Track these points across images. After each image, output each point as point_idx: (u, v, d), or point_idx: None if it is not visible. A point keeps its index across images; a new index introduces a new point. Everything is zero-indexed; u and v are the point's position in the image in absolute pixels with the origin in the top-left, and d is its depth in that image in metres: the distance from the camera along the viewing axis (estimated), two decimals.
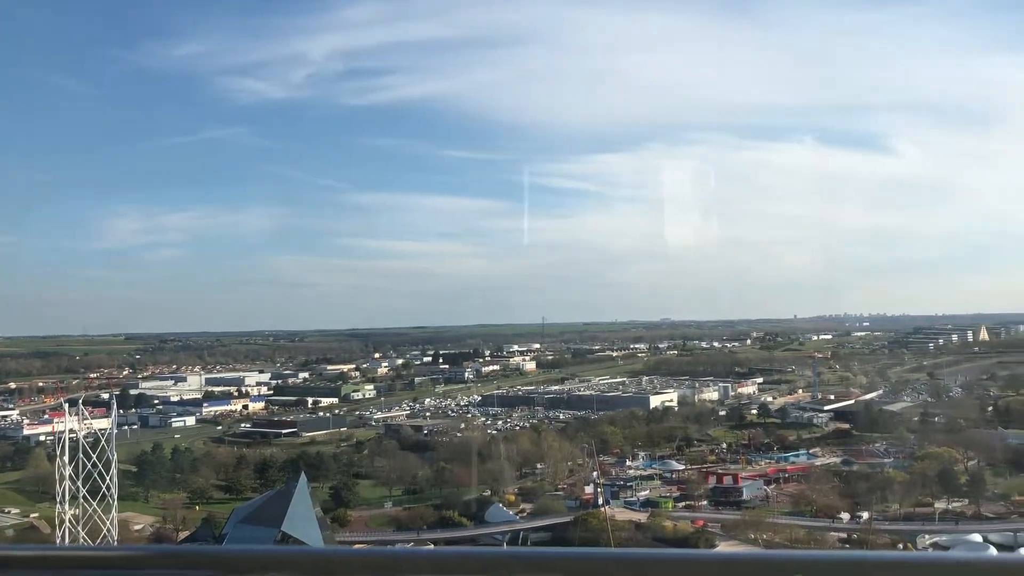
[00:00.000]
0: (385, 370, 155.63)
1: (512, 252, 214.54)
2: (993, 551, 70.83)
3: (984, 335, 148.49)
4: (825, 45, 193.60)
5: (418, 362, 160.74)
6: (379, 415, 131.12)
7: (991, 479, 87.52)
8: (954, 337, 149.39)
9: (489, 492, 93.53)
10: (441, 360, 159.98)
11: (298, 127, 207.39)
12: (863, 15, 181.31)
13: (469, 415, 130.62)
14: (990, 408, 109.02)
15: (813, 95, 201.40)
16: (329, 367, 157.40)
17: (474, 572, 2.91)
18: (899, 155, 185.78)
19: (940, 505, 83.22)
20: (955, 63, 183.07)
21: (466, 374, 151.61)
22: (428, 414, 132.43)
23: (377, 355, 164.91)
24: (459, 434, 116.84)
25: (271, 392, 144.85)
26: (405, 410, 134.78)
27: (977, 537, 75.49)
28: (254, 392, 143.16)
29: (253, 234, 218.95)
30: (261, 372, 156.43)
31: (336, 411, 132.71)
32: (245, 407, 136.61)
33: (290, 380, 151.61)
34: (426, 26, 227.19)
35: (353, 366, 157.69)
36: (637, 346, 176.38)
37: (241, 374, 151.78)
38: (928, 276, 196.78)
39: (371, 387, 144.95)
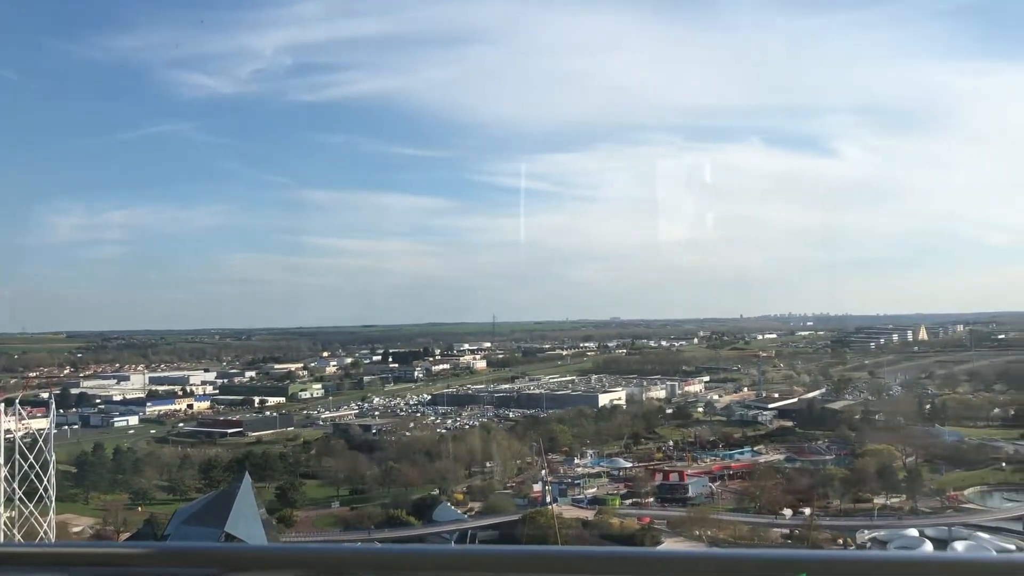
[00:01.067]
0: (333, 369, 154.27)
1: (464, 251, 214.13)
2: (928, 546, 73.03)
3: (923, 335, 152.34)
4: (773, 48, 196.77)
5: (367, 361, 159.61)
6: (327, 414, 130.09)
7: (928, 475, 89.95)
8: (895, 337, 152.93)
9: (437, 491, 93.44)
10: (390, 359, 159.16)
11: (247, 123, 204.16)
12: (810, 19, 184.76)
13: (418, 414, 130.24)
14: (928, 406, 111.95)
15: (761, 97, 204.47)
16: (277, 366, 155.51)
17: (480, 570, 2.90)
18: (843, 157, 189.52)
19: (879, 501, 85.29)
20: (899, 68, 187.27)
21: (416, 373, 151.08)
22: (377, 413, 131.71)
23: (325, 354, 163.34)
24: (408, 433, 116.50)
25: (217, 391, 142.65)
26: (353, 409, 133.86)
27: (914, 532, 77.63)
28: (199, 391, 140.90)
29: (200, 231, 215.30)
30: (207, 371, 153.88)
31: (283, 411, 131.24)
32: (190, 406, 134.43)
33: (236, 379, 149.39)
34: (377, 22, 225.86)
35: (301, 365, 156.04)
36: (587, 345, 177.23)
37: (186, 373, 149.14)
38: (871, 277, 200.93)
39: (319, 386, 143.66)
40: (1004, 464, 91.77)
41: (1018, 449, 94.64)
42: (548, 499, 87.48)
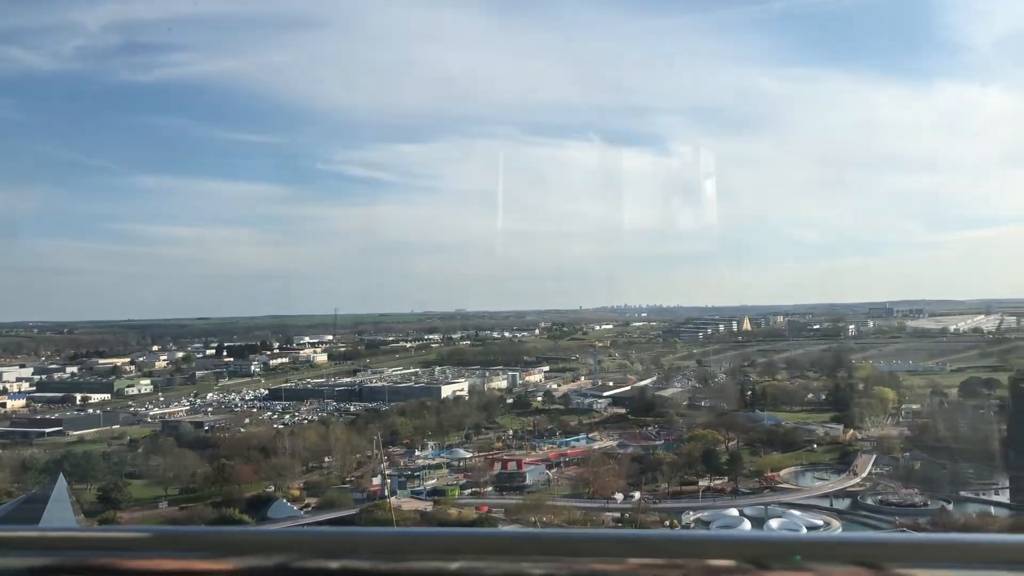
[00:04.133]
0: (164, 363, 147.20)
1: (305, 240, 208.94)
2: (747, 524, 77.65)
3: (747, 325, 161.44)
4: (610, 48, 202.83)
5: (200, 355, 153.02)
6: (156, 411, 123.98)
7: (748, 457, 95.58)
8: (720, 327, 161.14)
9: (273, 488, 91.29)
10: (226, 353, 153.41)
11: (69, 102, 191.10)
12: (645, 22, 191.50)
13: (255, 409, 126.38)
14: (749, 392, 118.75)
15: (599, 96, 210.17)
16: (101, 361, 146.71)
17: (482, 552, 2.83)
18: (675, 156, 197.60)
19: (704, 483, 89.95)
20: (725, 72, 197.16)
21: (252, 367, 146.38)
22: (210, 409, 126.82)
23: (155, 348, 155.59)
24: (243, 429, 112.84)
25: (34, 388, 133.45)
26: (185, 405, 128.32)
27: (734, 512, 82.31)
28: (14, 389, 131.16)
29: (14, 216, 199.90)
30: (23, 367, 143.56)
31: (108, 408, 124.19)
32: (3, 405, 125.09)
33: (56, 375, 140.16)
34: (214, 2, 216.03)
35: (128, 359, 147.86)
36: (431, 337, 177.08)
37: None
38: (699, 270, 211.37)
39: (148, 382, 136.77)
40: (816, 446, 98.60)
41: (828, 431, 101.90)
42: (387, 492, 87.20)
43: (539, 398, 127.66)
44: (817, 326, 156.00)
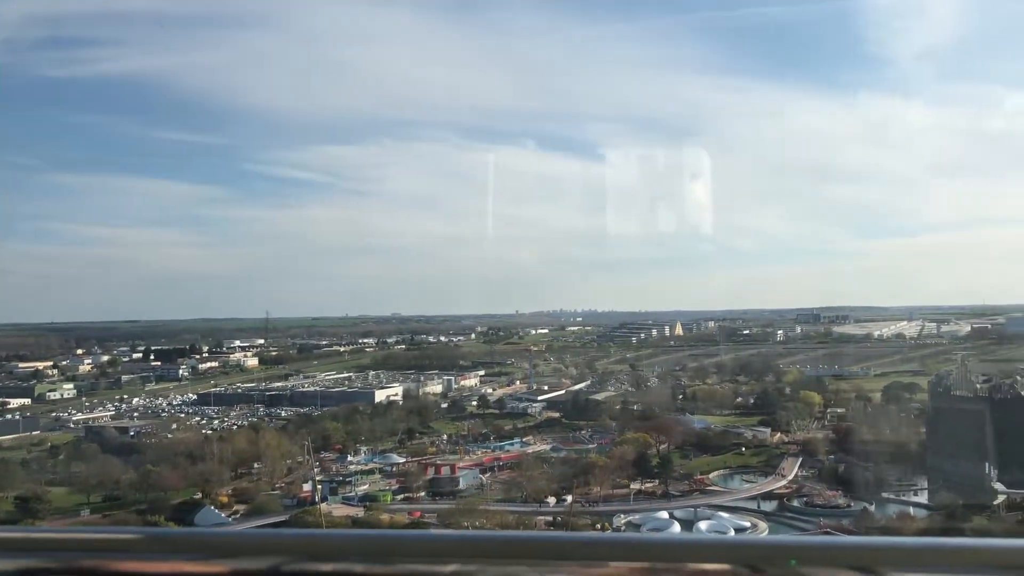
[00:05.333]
0: (88, 367, 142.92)
1: (235, 242, 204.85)
2: (676, 527, 78.76)
3: (679, 330, 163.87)
4: (549, 54, 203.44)
5: (127, 359, 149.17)
6: (79, 416, 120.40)
7: (678, 460, 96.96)
8: (654, 332, 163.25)
9: (200, 494, 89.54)
10: (153, 356, 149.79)
11: None
12: (582, 29, 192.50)
13: (183, 415, 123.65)
14: (680, 396, 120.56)
15: (534, 101, 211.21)
16: (21, 364, 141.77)
17: (479, 555, 2.81)
18: (610, 163, 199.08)
19: (635, 486, 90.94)
20: (661, 81, 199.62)
21: (181, 371, 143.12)
22: (136, 414, 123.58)
23: (80, 351, 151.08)
24: (170, 435, 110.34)
25: None
26: (110, 411, 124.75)
27: (664, 514, 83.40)
28: None
29: None
30: None
31: (28, 413, 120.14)
32: None
33: None
34: None
35: (51, 363, 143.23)
36: (365, 341, 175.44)
37: None
38: (633, 275, 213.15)
39: (71, 386, 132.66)
40: (744, 449, 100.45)
41: (756, 434, 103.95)
42: (317, 498, 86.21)
43: (474, 402, 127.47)
44: (747, 331, 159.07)
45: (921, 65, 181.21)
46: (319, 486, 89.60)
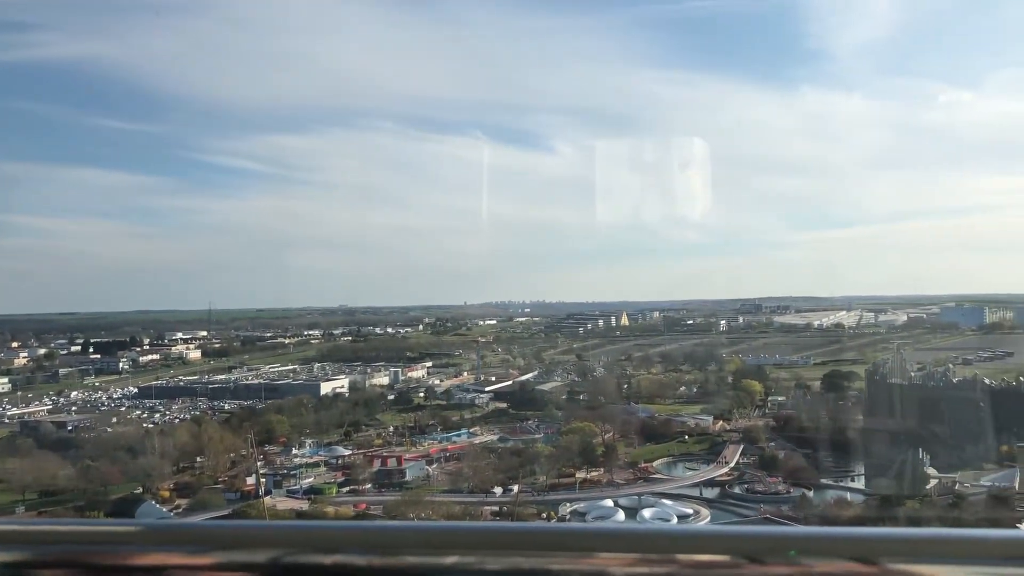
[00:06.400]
0: (24, 361, 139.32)
1: (178, 233, 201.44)
2: (621, 514, 79.70)
3: (625, 321, 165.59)
4: (495, 45, 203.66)
5: (65, 352, 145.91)
6: (14, 411, 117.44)
7: (623, 449, 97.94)
8: (600, 322, 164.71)
9: (141, 489, 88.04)
10: (92, 349, 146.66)
11: None
12: (531, 20, 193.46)
13: (123, 408, 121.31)
14: (626, 386, 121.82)
15: (482, 92, 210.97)
16: None
17: (480, 547, 2.78)
18: (557, 154, 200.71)
19: (581, 475, 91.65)
20: (608, 73, 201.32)
21: (121, 364, 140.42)
22: (74, 408, 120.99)
23: (15, 344, 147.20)
24: (109, 429, 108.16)
25: None
26: (46, 405, 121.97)
27: (609, 503, 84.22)
28: None
29: None
30: None
31: None
32: None
33: None
34: None
35: None
36: (311, 333, 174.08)
37: None
38: (581, 266, 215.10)
39: (5, 380, 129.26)
40: (687, 437, 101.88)
41: (699, 422, 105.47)
42: (261, 491, 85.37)
43: (421, 394, 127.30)
44: (691, 321, 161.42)
45: (859, 60, 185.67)
46: (263, 479, 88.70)
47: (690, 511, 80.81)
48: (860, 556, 2.64)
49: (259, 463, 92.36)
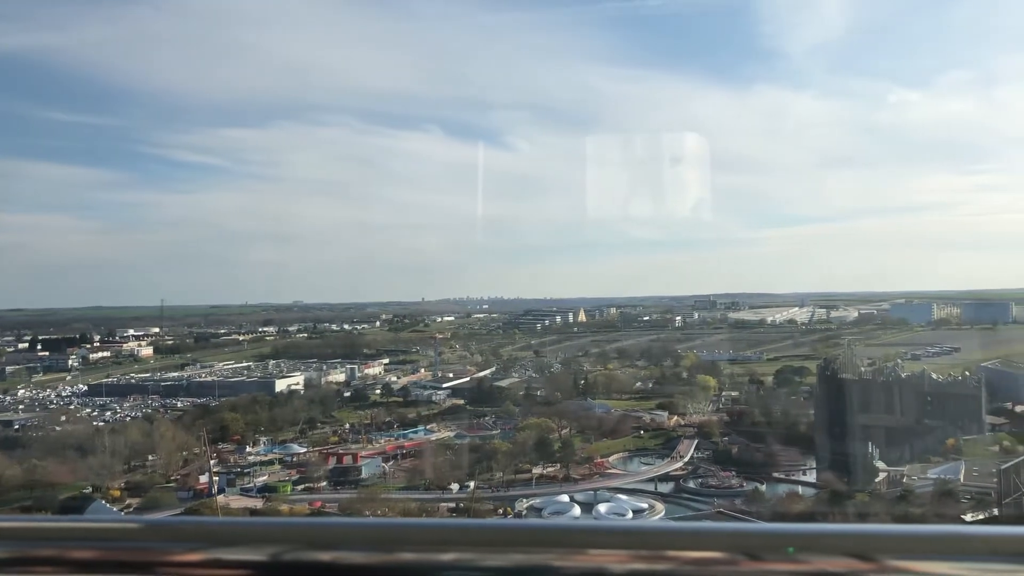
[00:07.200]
0: None
1: (129, 228, 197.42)
2: (577, 510, 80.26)
3: (582, 317, 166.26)
4: (452, 40, 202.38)
5: (11, 349, 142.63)
6: None
7: (579, 444, 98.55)
8: (558, 319, 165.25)
9: (91, 489, 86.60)
10: (40, 346, 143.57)
11: None
12: (486, 16, 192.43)
13: (71, 407, 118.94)
14: (582, 381, 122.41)
15: (439, 88, 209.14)
16: None
17: (478, 544, 2.76)
18: (514, 150, 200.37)
19: (537, 471, 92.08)
20: (561, 70, 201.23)
21: (70, 361, 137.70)
22: (21, 407, 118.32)
23: None
24: (58, 428, 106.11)
25: None
26: None
27: (565, 498, 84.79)
28: None
29: None
30: None
31: None
32: None
33: None
34: None
35: None
36: (266, 329, 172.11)
37: None
38: (538, 262, 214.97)
39: None
40: (642, 432, 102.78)
41: (654, 418, 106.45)
42: (214, 490, 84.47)
43: (378, 391, 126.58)
44: (647, 317, 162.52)
45: (811, 60, 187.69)
46: (216, 478, 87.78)
47: (645, 506, 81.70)
48: (859, 553, 2.65)
49: (212, 461, 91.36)
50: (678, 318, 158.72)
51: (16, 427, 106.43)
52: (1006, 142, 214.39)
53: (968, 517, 66.07)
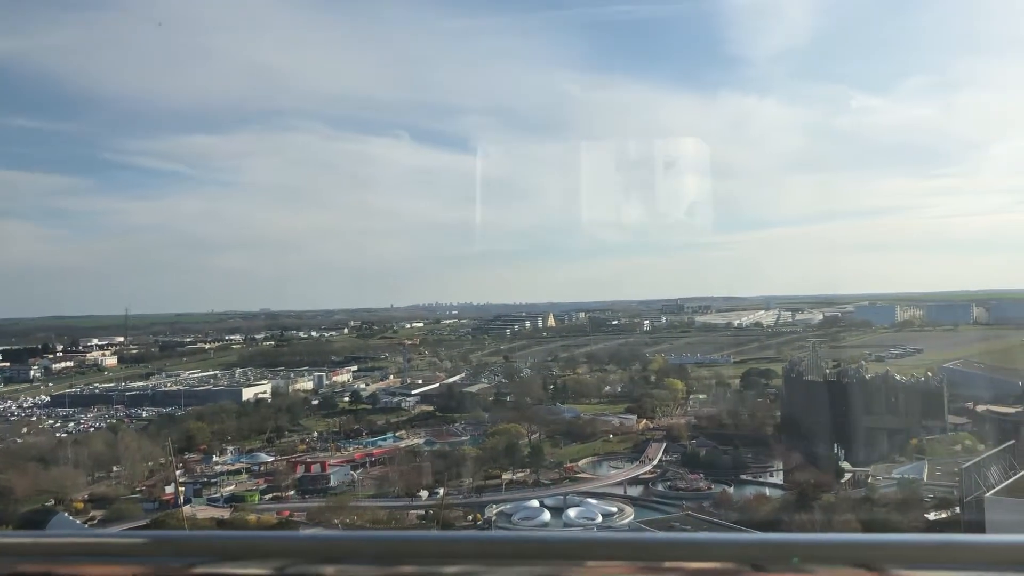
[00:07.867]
0: None
1: (93, 235, 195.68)
2: (546, 515, 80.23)
3: (552, 322, 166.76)
4: (420, 46, 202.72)
5: None
6: None
7: (549, 449, 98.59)
8: (527, 324, 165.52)
9: (53, 501, 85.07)
10: (1, 357, 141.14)
11: None
12: (455, 21, 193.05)
13: (34, 418, 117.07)
14: (551, 386, 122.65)
15: (407, 93, 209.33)
16: None
17: (483, 557, 2.75)
18: (484, 156, 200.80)
19: (507, 476, 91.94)
20: (536, 75, 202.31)
21: (32, 372, 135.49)
22: None
23: None
24: (19, 440, 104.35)
25: None
26: None
27: (535, 503, 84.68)
28: None
29: None
30: None
31: None
32: None
33: None
34: None
35: None
36: (233, 337, 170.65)
37: None
38: (508, 267, 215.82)
39: None
40: (612, 436, 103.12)
41: (623, 421, 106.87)
42: (180, 500, 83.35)
43: (346, 398, 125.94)
44: (615, 322, 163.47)
45: (775, 66, 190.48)
46: (183, 488, 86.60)
47: (614, 509, 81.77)
48: (862, 562, 2.65)
49: (178, 471, 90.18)
50: (646, 322, 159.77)
51: None
52: (965, 146, 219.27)
53: (931, 516, 67.08)
